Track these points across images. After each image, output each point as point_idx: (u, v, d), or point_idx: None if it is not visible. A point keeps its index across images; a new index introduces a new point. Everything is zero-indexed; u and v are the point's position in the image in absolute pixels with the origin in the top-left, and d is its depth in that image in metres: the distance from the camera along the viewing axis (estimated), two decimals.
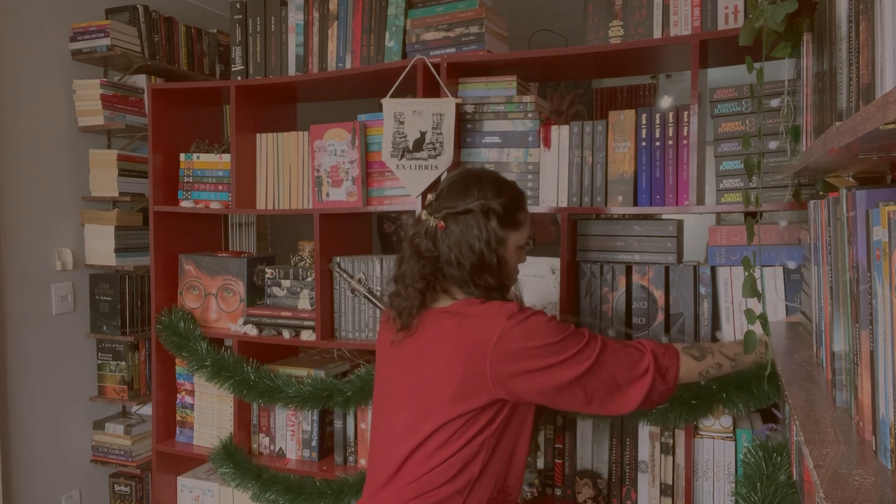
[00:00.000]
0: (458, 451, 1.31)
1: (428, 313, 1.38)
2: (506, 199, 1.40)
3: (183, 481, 2.37)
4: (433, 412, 1.32)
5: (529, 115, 1.90)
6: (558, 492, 1.90)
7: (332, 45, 2.15)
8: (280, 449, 2.24)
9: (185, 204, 2.33)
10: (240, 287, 2.30)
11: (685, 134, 1.74)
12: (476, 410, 1.31)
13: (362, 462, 2.12)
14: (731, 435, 1.71)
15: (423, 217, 1.40)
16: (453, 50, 1.98)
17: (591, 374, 1.30)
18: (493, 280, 1.37)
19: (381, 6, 2.07)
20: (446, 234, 1.36)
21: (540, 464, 1.93)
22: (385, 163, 1.97)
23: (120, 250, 2.56)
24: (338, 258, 2.14)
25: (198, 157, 2.33)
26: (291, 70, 2.20)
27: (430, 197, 1.43)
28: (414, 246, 1.40)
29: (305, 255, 2.28)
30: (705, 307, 1.75)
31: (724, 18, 1.71)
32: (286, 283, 2.20)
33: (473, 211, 1.36)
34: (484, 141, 1.95)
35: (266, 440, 2.26)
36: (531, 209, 1.89)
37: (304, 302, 2.17)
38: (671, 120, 1.76)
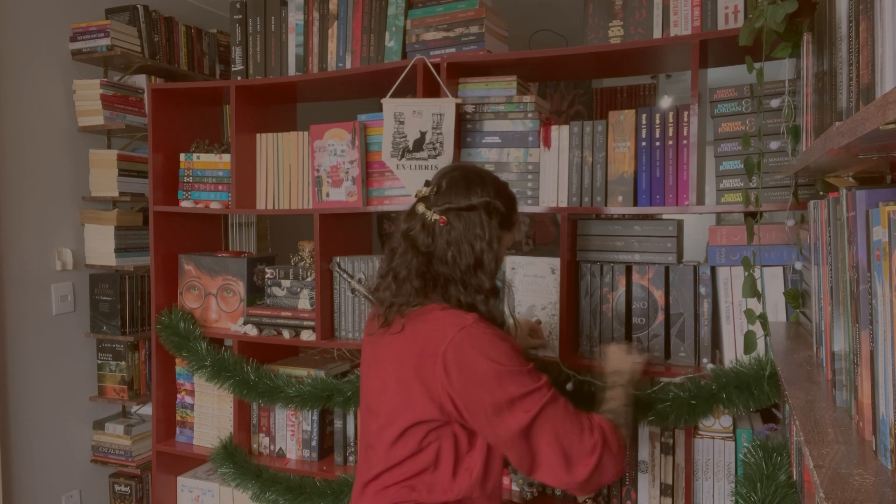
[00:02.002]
0: (427, 467, 1.27)
1: (395, 319, 1.32)
2: (506, 199, 1.37)
3: (183, 481, 2.37)
4: (394, 420, 1.29)
5: (529, 115, 1.90)
6: (558, 492, 1.90)
7: (332, 45, 2.15)
8: (280, 449, 2.24)
9: (185, 204, 2.33)
10: (240, 287, 2.30)
11: (685, 134, 1.74)
12: (435, 422, 1.25)
13: None
14: (731, 435, 1.71)
15: (420, 211, 1.34)
16: (453, 50, 1.98)
17: (537, 425, 1.20)
18: (487, 281, 1.32)
19: (381, 6, 2.07)
20: (446, 230, 1.31)
21: None
22: (385, 163, 1.97)
23: (120, 250, 2.56)
24: (338, 258, 2.14)
25: (198, 157, 2.33)
26: (291, 70, 2.20)
27: (424, 191, 1.37)
28: (410, 239, 1.33)
29: (305, 255, 2.28)
30: (705, 307, 1.75)
31: (724, 18, 1.71)
32: (286, 283, 2.20)
33: (478, 208, 1.31)
34: (484, 141, 1.95)
35: (266, 440, 2.26)
36: (531, 209, 1.90)
37: (304, 302, 2.17)
38: (671, 120, 1.76)
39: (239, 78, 2.26)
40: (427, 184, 1.39)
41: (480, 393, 1.21)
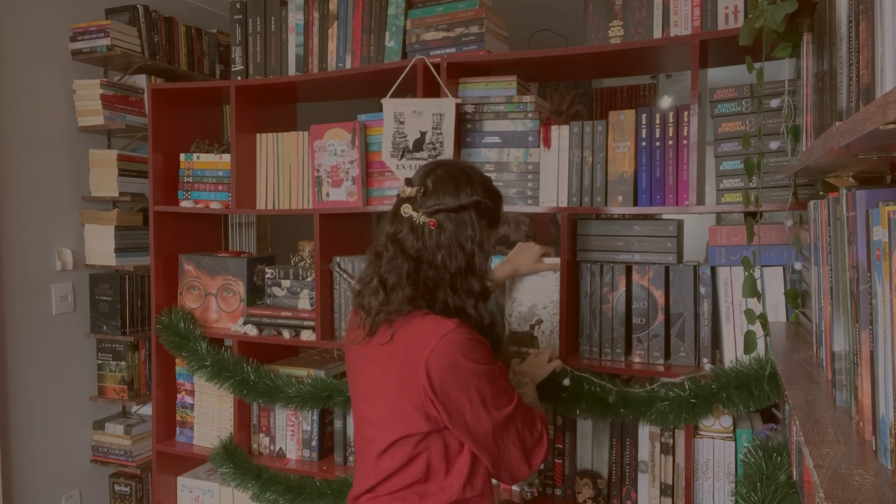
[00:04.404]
0: (418, 479, 1.26)
1: (381, 328, 1.29)
2: (493, 196, 1.34)
3: (183, 481, 2.37)
4: (381, 433, 1.28)
5: (529, 115, 1.90)
6: (558, 492, 1.90)
7: (332, 45, 2.15)
8: (280, 449, 2.24)
9: (185, 204, 2.33)
10: (240, 287, 2.30)
11: (685, 134, 1.74)
12: (423, 433, 1.24)
13: None
14: (731, 435, 1.71)
15: (407, 213, 1.28)
16: (453, 50, 1.98)
17: (508, 424, 1.25)
18: (477, 284, 1.28)
19: (381, 6, 2.07)
20: (436, 233, 1.26)
21: None
22: (385, 163, 1.97)
23: (120, 250, 2.56)
24: (338, 258, 2.14)
25: (198, 157, 2.33)
26: (291, 70, 2.20)
27: (408, 191, 1.30)
28: (398, 243, 1.27)
29: (305, 255, 2.28)
30: (705, 307, 1.75)
31: (724, 18, 1.71)
32: (286, 283, 2.20)
33: (468, 208, 1.27)
34: (484, 141, 1.95)
35: (266, 440, 2.26)
36: (531, 209, 1.90)
37: (304, 302, 2.17)
38: (671, 120, 1.76)
39: (239, 78, 2.26)
40: (409, 183, 1.32)
41: (460, 396, 1.21)
